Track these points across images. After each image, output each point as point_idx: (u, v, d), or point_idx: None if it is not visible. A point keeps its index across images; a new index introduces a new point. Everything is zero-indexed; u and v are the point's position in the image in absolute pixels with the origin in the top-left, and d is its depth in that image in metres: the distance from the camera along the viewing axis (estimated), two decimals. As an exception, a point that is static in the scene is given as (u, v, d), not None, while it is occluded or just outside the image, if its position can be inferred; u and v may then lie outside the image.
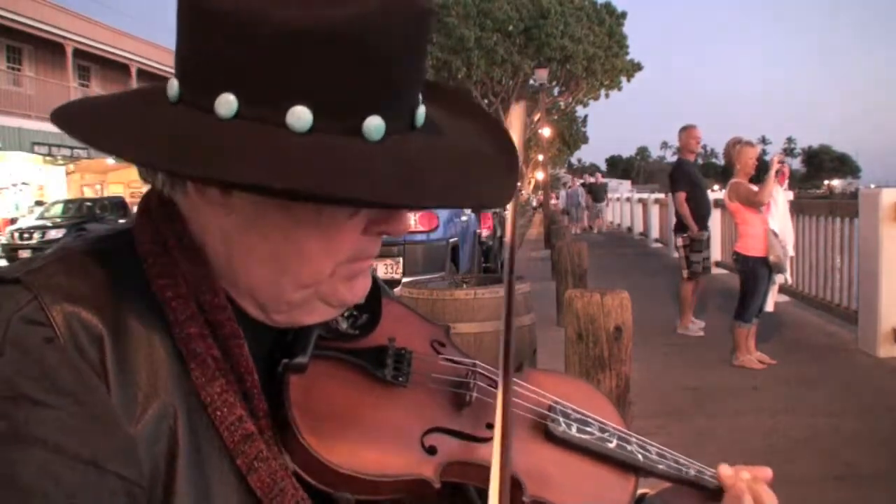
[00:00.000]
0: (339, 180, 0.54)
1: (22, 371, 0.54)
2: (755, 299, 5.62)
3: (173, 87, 0.60)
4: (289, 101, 0.56)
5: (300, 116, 0.56)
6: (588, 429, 0.79)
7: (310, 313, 0.67)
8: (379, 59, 0.57)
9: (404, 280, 6.31)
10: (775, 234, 5.53)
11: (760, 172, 5.84)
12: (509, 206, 0.70)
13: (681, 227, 6.85)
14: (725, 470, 0.82)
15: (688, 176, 6.84)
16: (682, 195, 6.75)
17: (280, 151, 0.55)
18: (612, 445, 0.79)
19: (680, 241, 6.87)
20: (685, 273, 6.83)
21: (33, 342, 0.55)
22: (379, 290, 0.76)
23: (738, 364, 5.64)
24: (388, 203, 0.60)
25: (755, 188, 5.64)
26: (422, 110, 0.63)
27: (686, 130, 6.94)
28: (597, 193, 24.22)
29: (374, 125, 0.58)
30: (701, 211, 6.79)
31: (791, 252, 5.78)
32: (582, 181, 27.08)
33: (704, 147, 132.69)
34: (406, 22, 0.58)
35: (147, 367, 0.59)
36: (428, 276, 5.75)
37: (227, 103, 0.56)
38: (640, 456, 0.80)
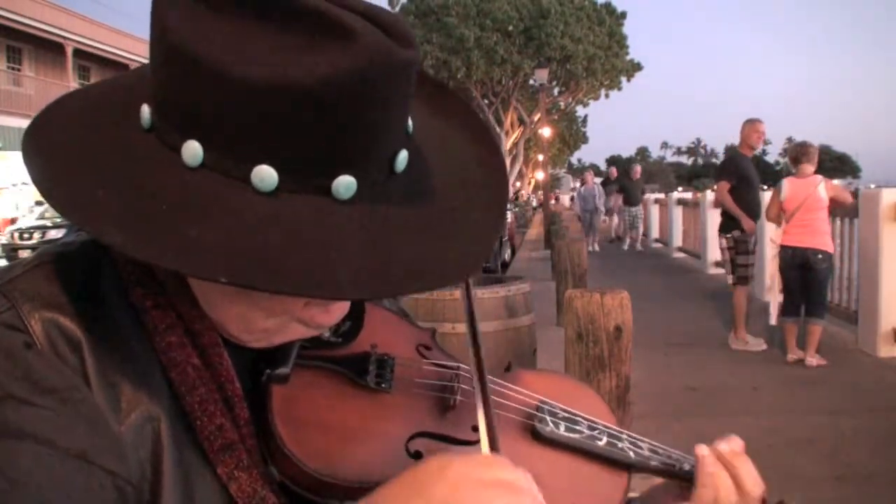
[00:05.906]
0: (295, 278, 0.51)
1: (6, 372, 0.54)
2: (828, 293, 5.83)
3: (145, 113, 0.57)
4: (253, 160, 0.53)
5: (264, 177, 0.53)
6: (577, 427, 0.78)
7: (286, 334, 0.66)
8: (349, 119, 0.53)
9: (404, 280, 6.27)
10: None
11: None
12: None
13: (725, 227, 6.13)
14: (702, 450, 0.79)
15: (738, 168, 6.10)
16: (724, 184, 6.01)
17: (237, 234, 0.52)
18: (601, 443, 0.78)
19: (724, 243, 6.13)
20: (731, 279, 6.17)
21: (15, 345, 0.55)
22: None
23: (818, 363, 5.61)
24: (351, 299, 0.64)
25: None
26: (403, 155, 0.60)
27: (751, 124, 6.18)
28: (631, 193, 16.01)
29: (345, 184, 0.55)
30: (749, 208, 6.02)
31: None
32: (604, 178, 19.72)
33: (704, 147, 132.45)
34: (385, 78, 0.54)
35: (128, 374, 0.59)
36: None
37: (192, 151, 0.54)
38: (631, 453, 0.79)
